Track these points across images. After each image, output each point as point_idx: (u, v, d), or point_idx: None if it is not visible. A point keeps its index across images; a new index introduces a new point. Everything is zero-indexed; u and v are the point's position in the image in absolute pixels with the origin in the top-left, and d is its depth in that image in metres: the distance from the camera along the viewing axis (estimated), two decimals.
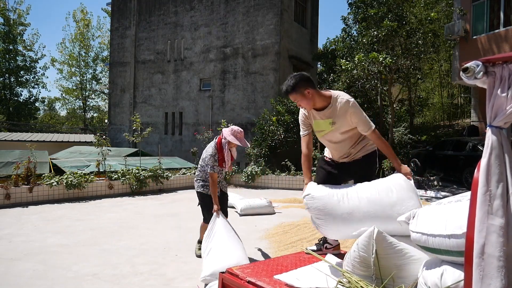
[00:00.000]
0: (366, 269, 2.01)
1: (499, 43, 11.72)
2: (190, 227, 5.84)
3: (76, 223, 6.07)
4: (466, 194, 1.95)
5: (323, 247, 2.85)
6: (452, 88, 19.80)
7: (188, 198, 9.01)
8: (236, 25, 15.59)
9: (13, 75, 31.89)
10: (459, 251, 1.71)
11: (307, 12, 17.23)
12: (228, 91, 15.79)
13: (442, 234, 1.77)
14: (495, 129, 1.42)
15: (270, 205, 7.09)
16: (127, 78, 19.03)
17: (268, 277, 2.29)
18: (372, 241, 1.99)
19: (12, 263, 4.01)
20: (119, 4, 19.37)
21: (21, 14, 32.20)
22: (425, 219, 1.94)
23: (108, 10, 26.55)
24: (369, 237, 2.01)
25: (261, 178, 11.26)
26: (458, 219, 1.75)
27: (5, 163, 9.46)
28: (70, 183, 8.26)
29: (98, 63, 36.13)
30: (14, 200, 7.59)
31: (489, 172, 1.41)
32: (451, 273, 1.73)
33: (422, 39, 10.37)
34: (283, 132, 12.42)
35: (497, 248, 1.34)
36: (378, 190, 2.45)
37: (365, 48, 11.06)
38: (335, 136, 2.80)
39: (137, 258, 4.22)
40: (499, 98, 1.41)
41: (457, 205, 1.87)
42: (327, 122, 2.75)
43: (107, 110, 24.24)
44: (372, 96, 15.08)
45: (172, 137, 17.58)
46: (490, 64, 1.45)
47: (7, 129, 26.85)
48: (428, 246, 1.87)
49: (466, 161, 10.11)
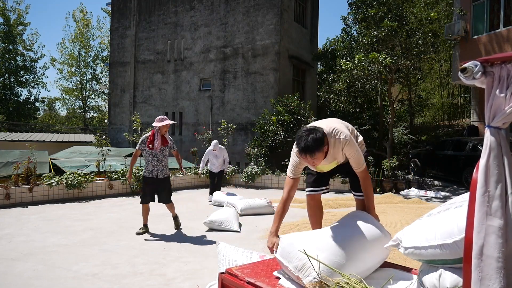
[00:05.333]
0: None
1: (499, 43, 11.71)
2: (190, 227, 5.84)
3: (76, 223, 6.07)
4: (454, 201, 1.97)
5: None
6: (452, 88, 19.79)
7: (188, 198, 9.01)
8: (236, 25, 15.59)
9: (13, 75, 31.86)
10: (454, 259, 1.72)
11: (307, 12, 17.22)
12: (228, 91, 15.79)
13: (433, 244, 1.79)
14: (493, 129, 1.42)
15: (270, 205, 7.10)
16: (127, 78, 19.03)
17: (268, 277, 2.29)
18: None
19: (12, 263, 4.01)
20: (119, 4, 19.36)
21: (21, 13, 32.20)
22: (415, 233, 1.95)
23: (108, 10, 26.52)
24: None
25: (261, 178, 11.25)
26: (448, 228, 1.77)
27: (5, 163, 9.46)
28: (70, 183, 8.26)
29: (98, 63, 36.11)
30: (14, 200, 7.59)
31: (488, 173, 1.40)
32: (450, 275, 1.73)
33: (422, 39, 10.36)
34: (283, 132, 12.42)
35: (496, 249, 1.34)
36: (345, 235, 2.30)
37: (365, 48, 11.06)
38: (333, 166, 2.76)
39: (137, 258, 4.22)
40: (498, 98, 1.41)
41: (445, 214, 1.88)
42: (333, 164, 2.69)
43: (107, 110, 24.24)
44: (372, 96, 15.10)
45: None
46: (488, 64, 1.45)
47: (7, 129, 26.84)
48: (423, 258, 1.88)
49: (466, 161, 10.11)
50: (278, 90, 14.35)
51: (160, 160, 5.17)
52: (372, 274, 2.35)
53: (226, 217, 5.67)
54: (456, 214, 1.80)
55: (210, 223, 5.62)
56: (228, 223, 5.61)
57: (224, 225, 5.58)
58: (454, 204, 1.92)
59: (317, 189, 2.93)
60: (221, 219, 5.63)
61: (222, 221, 5.60)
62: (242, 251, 3.12)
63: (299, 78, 16.43)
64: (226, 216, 5.70)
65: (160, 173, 5.16)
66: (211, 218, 5.64)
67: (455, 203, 1.94)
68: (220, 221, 5.60)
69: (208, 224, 5.64)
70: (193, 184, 11.13)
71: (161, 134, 5.14)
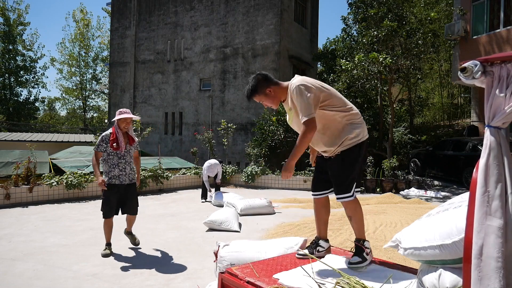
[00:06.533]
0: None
1: (499, 43, 11.71)
2: (190, 227, 5.84)
3: (76, 223, 6.07)
4: (453, 202, 1.97)
5: (315, 250, 2.73)
6: (452, 88, 19.79)
7: (188, 198, 9.01)
8: (236, 25, 15.59)
9: (13, 75, 31.88)
10: (453, 259, 1.72)
11: (307, 12, 17.22)
12: (228, 91, 15.79)
13: (433, 245, 1.79)
14: (493, 129, 1.41)
15: (270, 205, 7.09)
16: (127, 78, 19.03)
17: (268, 277, 2.29)
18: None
19: (12, 263, 4.01)
20: (119, 4, 19.37)
21: (21, 13, 32.21)
22: (415, 234, 1.95)
23: (108, 10, 26.55)
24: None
25: (261, 178, 11.25)
26: (446, 229, 1.77)
27: (5, 163, 9.45)
28: (70, 183, 8.26)
29: (98, 63, 36.14)
30: (14, 200, 7.58)
31: (488, 173, 1.40)
32: (449, 274, 1.73)
33: (422, 39, 10.37)
34: (283, 132, 12.42)
35: (496, 249, 1.34)
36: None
37: (365, 48, 11.06)
38: (296, 120, 2.59)
39: (137, 258, 4.22)
40: (498, 98, 1.40)
41: (444, 214, 1.88)
42: (287, 109, 2.68)
43: (107, 110, 24.24)
44: (372, 96, 15.08)
45: (172, 137, 17.58)
46: (488, 63, 1.44)
47: (7, 129, 26.84)
48: (423, 259, 1.88)
49: (466, 161, 10.11)
50: None
51: (128, 162, 4.33)
52: (372, 274, 2.35)
53: (226, 217, 5.68)
54: (455, 215, 1.80)
55: (210, 223, 5.62)
56: (228, 223, 5.61)
57: (224, 225, 5.58)
58: (453, 205, 1.92)
59: (316, 194, 2.79)
60: (221, 219, 5.63)
61: (222, 221, 5.60)
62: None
63: None
64: (226, 216, 5.70)
65: (128, 177, 4.33)
66: (211, 218, 5.64)
67: (454, 203, 1.94)
68: (220, 221, 5.60)
69: (208, 224, 5.64)
70: (193, 184, 11.13)
71: (123, 131, 4.29)
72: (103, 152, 4.25)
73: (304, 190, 10.33)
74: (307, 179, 10.52)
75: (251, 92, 2.62)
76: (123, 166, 4.28)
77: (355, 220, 2.61)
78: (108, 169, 4.26)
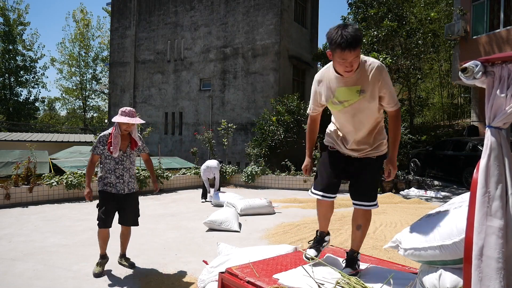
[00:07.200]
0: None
1: (499, 43, 11.71)
2: (190, 227, 5.84)
3: (76, 223, 6.07)
4: (453, 202, 1.97)
5: (321, 247, 2.63)
6: (452, 88, 19.80)
7: (188, 198, 9.01)
8: (236, 25, 15.58)
9: (13, 75, 31.88)
10: (453, 260, 1.72)
11: (307, 12, 17.22)
12: (228, 91, 15.79)
13: (433, 245, 1.78)
14: (494, 129, 1.41)
15: (270, 205, 7.09)
16: (127, 78, 19.03)
17: (268, 277, 2.29)
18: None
19: (12, 263, 4.01)
20: (119, 4, 19.36)
21: (21, 13, 32.21)
22: (415, 235, 1.95)
23: (108, 10, 26.55)
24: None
25: (261, 178, 11.25)
26: (447, 229, 1.76)
27: (5, 163, 9.45)
28: (70, 183, 8.26)
29: (98, 63, 36.14)
30: (14, 200, 7.58)
31: (488, 173, 1.40)
32: (450, 275, 1.73)
33: (422, 39, 10.38)
34: (283, 132, 12.42)
35: (496, 250, 1.34)
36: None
37: (365, 48, 11.06)
38: (362, 106, 2.26)
39: (137, 258, 4.22)
40: (498, 98, 1.40)
41: (444, 215, 1.88)
42: (354, 90, 2.24)
43: (107, 110, 24.23)
44: None
45: (172, 137, 17.58)
46: (489, 64, 1.44)
47: (7, 129, 26.84)
48: (423, 259, 1.88)
49: (466, 161, 10.11)
50: (278, 90, 14.35)
51: (126, 169, 3.75)
52: (372, 274, 2.35)
53: (226, 217, 5.68)
54: (455, 215, 1.80)
55: (210, 223, 5.62)
56: (228, 223, 5.61)
57: (224, 225, 5.58)
58: (453, 205, 1.92)
59: (329, 196, 2.52)
60: (221, 219, 5.63)
61: (222, 221, 5.60)
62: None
63: (299, 78, 16.43)
64: (226, 216, 5.70)
65: (127, 186, 3.76)
66: (211, 218, 5.64)
67: (454, 203, 1.94)
68: (220, 221, 5.60)
69: (208, 224, 5.64)
70: (193, 184, 11.13)
71: (123, 132, 3.72)
72: (99, 155, 3.73)
73: (304, 190, 10.33)
74: (307, 179, 10.52)
75: (360, 39, 2.09)
76: (120, 172, 3.72)
77: (363, 230, 2.51)
78: (104, 174, 3.74)
